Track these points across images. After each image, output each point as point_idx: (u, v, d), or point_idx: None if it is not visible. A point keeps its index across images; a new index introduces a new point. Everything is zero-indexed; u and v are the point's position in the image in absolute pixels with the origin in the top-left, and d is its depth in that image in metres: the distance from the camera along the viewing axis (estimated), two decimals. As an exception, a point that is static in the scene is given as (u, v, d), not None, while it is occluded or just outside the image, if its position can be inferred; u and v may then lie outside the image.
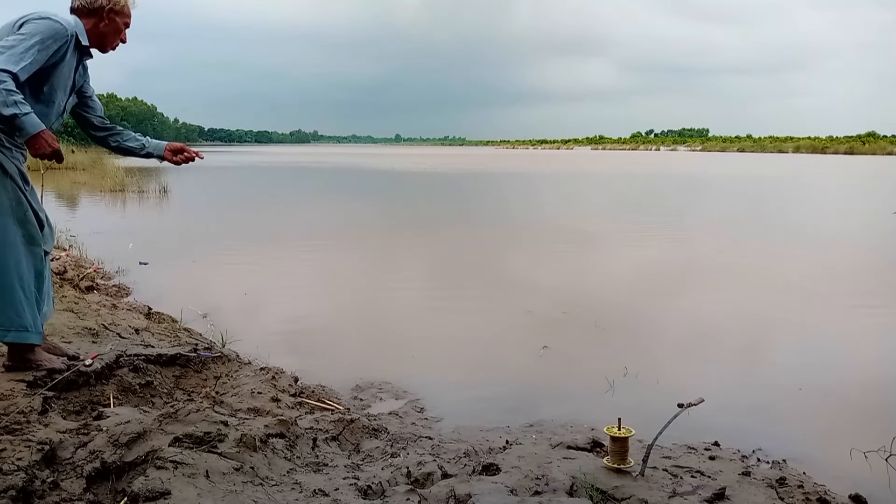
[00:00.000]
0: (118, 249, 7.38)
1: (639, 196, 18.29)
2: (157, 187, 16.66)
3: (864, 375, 4.04)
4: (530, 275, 7.05)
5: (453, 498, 2.23)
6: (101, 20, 2.83)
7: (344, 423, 2.85)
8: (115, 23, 2.87)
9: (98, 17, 2.82)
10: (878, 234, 10.54)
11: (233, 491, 2.07)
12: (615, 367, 4.01)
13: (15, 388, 2.62)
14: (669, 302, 5.91)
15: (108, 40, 2.90)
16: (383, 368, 4.02)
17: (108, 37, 2.88)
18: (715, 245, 9.14)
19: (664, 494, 2.33)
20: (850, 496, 2.52)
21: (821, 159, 53.94)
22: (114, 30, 2.88)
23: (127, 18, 2.92)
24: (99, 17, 2.83)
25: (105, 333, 3.68)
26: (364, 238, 9.64)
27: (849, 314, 5.52)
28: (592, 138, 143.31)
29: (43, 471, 2.08)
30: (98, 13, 2.82)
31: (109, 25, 2.86)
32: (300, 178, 27.12)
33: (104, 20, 2.84)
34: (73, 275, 5.47)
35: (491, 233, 10.47)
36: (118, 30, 2.90)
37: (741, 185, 22.64)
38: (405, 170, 32.83)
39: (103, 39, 2.88)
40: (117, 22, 2.87)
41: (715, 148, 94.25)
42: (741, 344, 4.68)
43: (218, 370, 3.41)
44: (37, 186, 3.30)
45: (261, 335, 4.52)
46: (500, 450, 2.74)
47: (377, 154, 74.26)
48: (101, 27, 2.84)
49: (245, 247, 8.59)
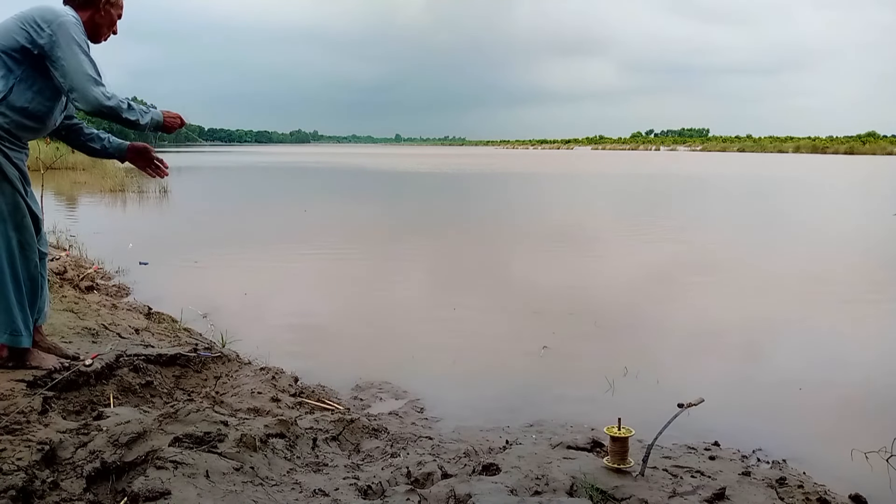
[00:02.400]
0: (118, 249, 7.38)
1: (639, 196, 18.29)
2: (157, 187, 16.66)
3: (864, 375, 4.04)
4: (530, 275, 7.05)
5: (453, 498, 2.23)
6: (97, 11, 2.82)
7: (344, 423, 2.85)
8: (110, 14, 2.86)
9: (94, 8, 2.81)
10: (879, 235, 10.53)
11: (233, 491, 2.07)
12: (615, 367, 4.01)
13: (15, 388, 2.62)
14: (669, 302, 5.91)
15: (101, 31, 2.88)
16: (383, 368, 4.02)
17: (101, 28, 2.87)
18: (715, 245, 9.14)
19: (664, 494, 2.33)
20: (850, 496, 2.52)
21: (821, 159, 53.93)
22: (108, 21, 2.87)
23: (120, 10, 2.91)
24: (95, 9, 2.81)
25: (105, 333, 3.68)
26: (364, 238, 9.63)
27: (849, 314, 5.52)
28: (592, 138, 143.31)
29: (43, 471, 2.08)
30: (94, 4, 2.80)
31: (104, 17, 2.85)
32: (300, 178, 27.12)
33: (100, 11, 2.82)
34: (73, 275, 5.47)
35: (491, 233, 10.47)
36: (112, 21, 2.89)
37: (741, 185, 22.64)
38: (406, 170, 32.83)
39: (97, 31, 2.86)
40: (112, 13, 2.87)
41: (715, 148, 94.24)
42: (741, 344, 4.68)
43: (218, 370, 3.41)
44: (37, 186, 3.30)
45: (261, 335, 4.52)
46: (500, 450, 2.74)
47: (377, 154, 74.26)
48: (97, 18, 2.83)
49: (245, 247, 8.59)
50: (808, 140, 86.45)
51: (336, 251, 8.43)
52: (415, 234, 10.25)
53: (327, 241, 9.21)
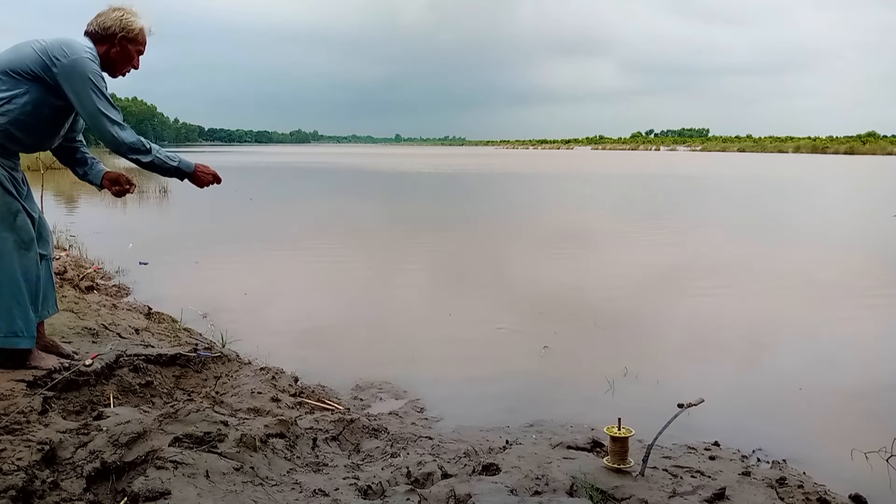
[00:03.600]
0: (118, 249, 7.38)
1: (639, 196, 18.28)
2: (157, 187, 16.66)
3: (864, 375, 4.04)
4: (530, 275, 7.05)
5: (453, 498, 2.23)
6: (112, 46, 2.81)
7: (344, 423, 2.85)
8: (127, 50, 2.85)
9: (110, 43, 2.80)
10: (879, 235, 10.53)
11: (233, 491, 2.07)
12: (615, 367, 4.01)
13: (15, 388, 2.62)
14: (669, 302, 5.92)
15: (118, 66, 2.88)
16: (383, 368, 4.02)
17: (118, 63, 2.86)
18: (714, 245, 9.14)
19: (664, 494, 2.33)
20: (850, 496, 2.52)
21: (821, 159, 53.93)
22: (125, 56, 2.86)
23: (141, 46, 2.89)
24: (111, 44, 2.81)
25: (105, 333, 3.68)
26: (364, 238, 9.64)
27: (849, 314, 5.52)
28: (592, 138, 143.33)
29: (43, 471, 2.08)
30: (110, 39, 2.80)
31: (121, 52, 2.83)
32: (300, 178, 27.11)
33: (115, 46, 2.82)
34: (73, 275, 5.47)
35: (491, 233, 10.47)
36: (130, 57, 2.87)
37: (741, 185, 22.64)
38: (406, 170, 32.83)
39: (113, 66, 2.86)
40: (129, 49, 2.85)
41: (715, 148, 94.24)
42: (741, 344, 4.68)
43: (218, 370, 3.41)
44: (36, 187, 3.30)
45: (261, 335, 4.52)
46: (500, 450, 2.74)
47: (377, 154, 74.24)
48: (112, 53, 2.82)
49: (245, 247, 8.59)
50: (809, 140, 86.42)
51: (336, 251, 8.43)
52: (415, 235, 10.25)
53: (328, 241, 9.21)
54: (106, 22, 2.79)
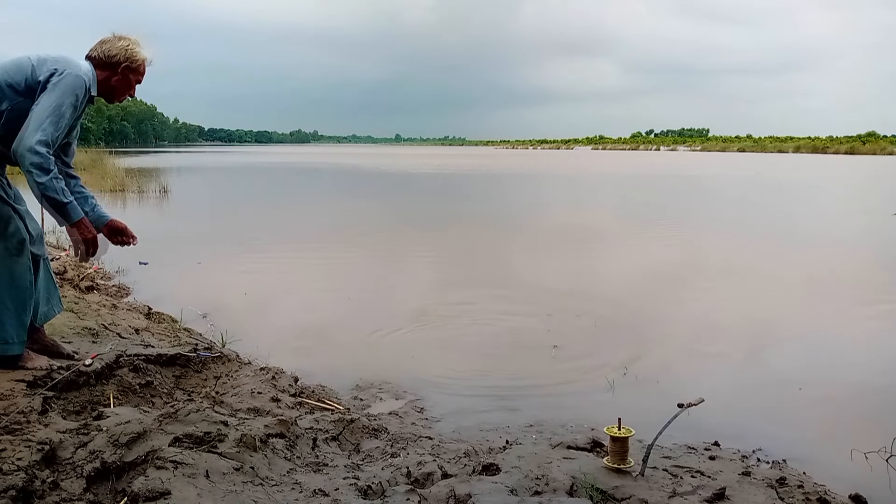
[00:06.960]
0: (118, 249, 7.35)
1: (639, 197, 18.28)
2: (157, 187, 16.66)
3: (864, 376, 4.04)
4: (530, 275, 7.05)
5: (453, 498, 2.23)
6: (114, 74, 2.81)
7: (344, 423, 2.85)
8: (128, 79, 2.85)
9: (112, 70, 2.80)
10: (879, 235, 10.53)
11: (233, 491, 2.07)
12: (615, 367, 4.01)
13: (15, 388, 2.62)
14: (670, 302, 5.91)
15: (117, 94, 2.88)
16: (383, 368, 4.02)
17: (117, 90, 2.86)
18: (714, 245, 9.14)
19: (664, 494, 2.33)
20: (850, 496, 2.52)
21: (821, 159, 53.89)
22: (125, 85, 2.86)
23: (141, 76, 2.90)
24: (113, 72, 2.80)
25: (105, 333, 3.68)
26: (364, 238, 9.63)
27: (849, 314, 5.52)
28: (593, 138, 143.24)
29: (43, 471, 2.08)
30: (113, 67, 2.80)
31: (122, 81, 2.84)
32: (300, 178, 27.11)
33: (118, 75, 2.81)
34: (73, 275, 5.47)
35: (491, 233, 10.47)
36: (129, 85, 2.88)
37: (741, 185, 22.63)
38: (406, 171, 32.82)
39: (112, 92, 2.86)
40: (130, 79, 2.86)
41: (715, 148, 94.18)
42: (741, 344, 4.68)
43: (218, 370, 3.41)
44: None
45: (261, 335, 4.52)
46: (500, 450, 2.74)
47: (378, 154, 74.21)
48: (114, 81, 2.82)
49: (245, 247, 8.58)
50: (809, 140, 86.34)
51: (336, 251, 8.43)
52: (415, 235, 10.26)
53: (328, 241, 9.21)
54: (111, 50, 2.78)
